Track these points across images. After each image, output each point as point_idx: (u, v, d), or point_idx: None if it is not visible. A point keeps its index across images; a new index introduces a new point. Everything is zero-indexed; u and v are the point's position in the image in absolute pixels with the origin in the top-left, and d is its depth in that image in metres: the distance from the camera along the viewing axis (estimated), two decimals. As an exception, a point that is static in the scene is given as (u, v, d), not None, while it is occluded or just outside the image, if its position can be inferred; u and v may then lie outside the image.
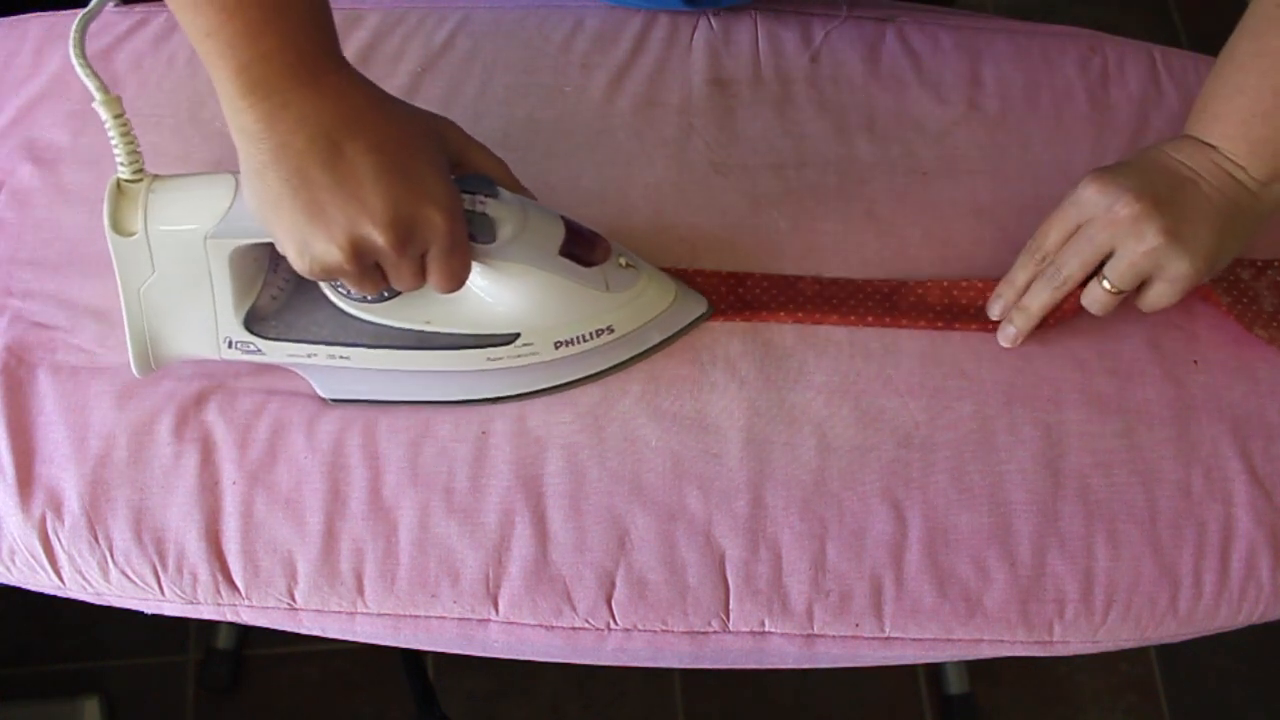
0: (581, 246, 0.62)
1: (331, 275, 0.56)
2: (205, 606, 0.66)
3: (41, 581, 0.67)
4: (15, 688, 1.33)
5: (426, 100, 0.75)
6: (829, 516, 0.64)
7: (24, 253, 0.70)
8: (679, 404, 0.66)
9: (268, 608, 0.66)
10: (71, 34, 0.58)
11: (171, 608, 0.67)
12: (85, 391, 0.66)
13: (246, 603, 0.65)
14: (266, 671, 1.35)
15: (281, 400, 0.66)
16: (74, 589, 0.67)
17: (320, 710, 1.34)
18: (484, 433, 0.66)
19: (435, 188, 0.54)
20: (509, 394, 0.66)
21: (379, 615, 0.65)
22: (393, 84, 0.75)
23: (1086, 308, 0.66)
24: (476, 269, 0.59)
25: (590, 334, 0.64)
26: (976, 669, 1.36)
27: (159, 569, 0.64)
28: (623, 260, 0.64)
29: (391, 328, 0.63)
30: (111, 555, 0.64)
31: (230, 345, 0.64)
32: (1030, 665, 1.32)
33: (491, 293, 0.62)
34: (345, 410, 0.66)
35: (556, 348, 0.64)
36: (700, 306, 0.68)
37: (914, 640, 0.66)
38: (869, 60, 0.78)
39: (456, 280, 0.58)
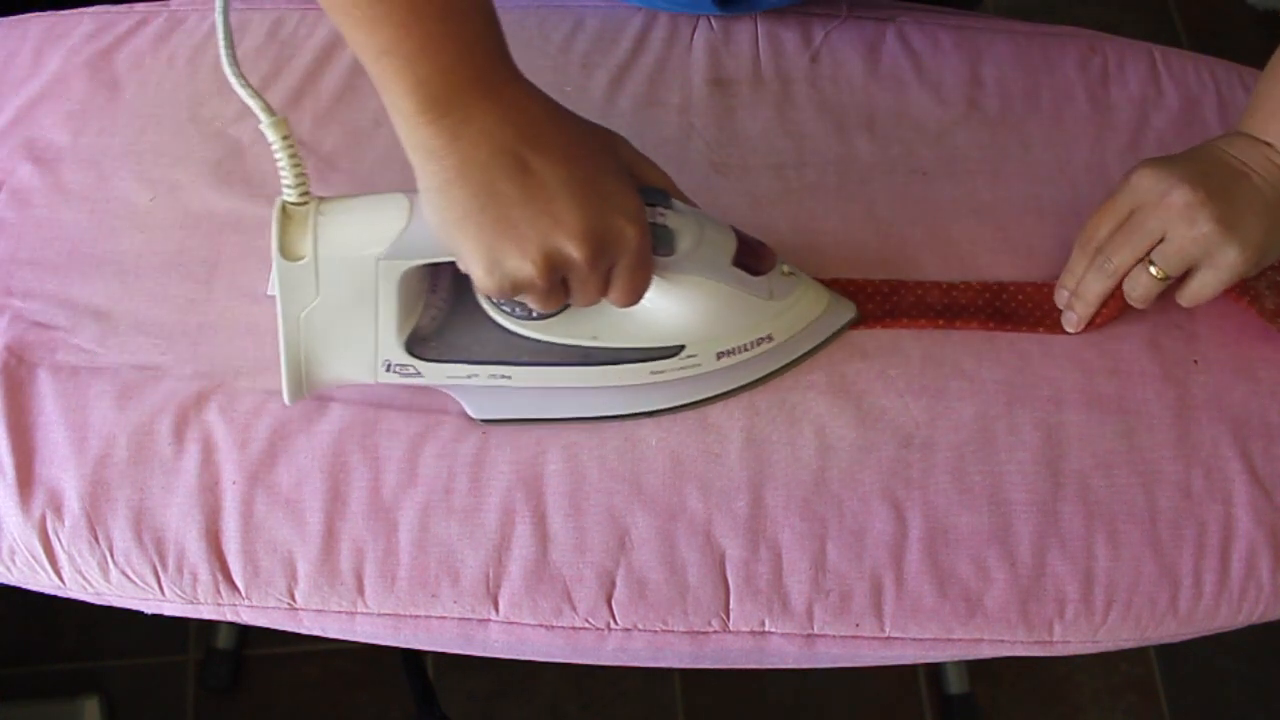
0: (752, 255, 0.61)
1: (520, 291, 0.54)
2: (205, 606, 0.66)
3: (41, 581, 0.67)
4: (15, 688, 1.33)
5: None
6: (829, 516, 0.64)
7: (24, 253, 0.70)
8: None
9: (268, 608, 0.66)
10: (223, 55, 0.56)
11: (171, 608, 0.67)
12: (85, 391, 0.66)
13: (246, 603, 0.65)
14: (266, 671, 1.35)
15: (281, 400, 0.66)
16: (74, 589, 0.67)
17: (320, 710, 1.34)
18: (484, 433, 0.66)
19: (624, 200, 0.53)
20: (667, 407, 0.65)
21: (379, 615, 0.65)
22: (393, 84, 0.75)
23: (1129, 296, 0.66)
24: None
25: (751, 343, 0.64)
26: (976, 669, 1.36)
27: (159, 569, 0.64)
28: (785, 268, 0.64)
29: (556, 344, 0.62)
30: (111, 555, 0.64)
31: (388, 369, 0.62)
32: (1030, 665, 1.32)
33: (659, 305, 0.61)
34: (345, 409, 0.66)
35: (718, 358, 0.63)
36: (849, 312, 0.68)
37: (914, 640, 0.66)
38: (869, 60, 0.78)
39: (638, 294, 0.57)
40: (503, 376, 0.63)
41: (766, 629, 0.65)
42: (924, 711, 1.37)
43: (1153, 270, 0.65)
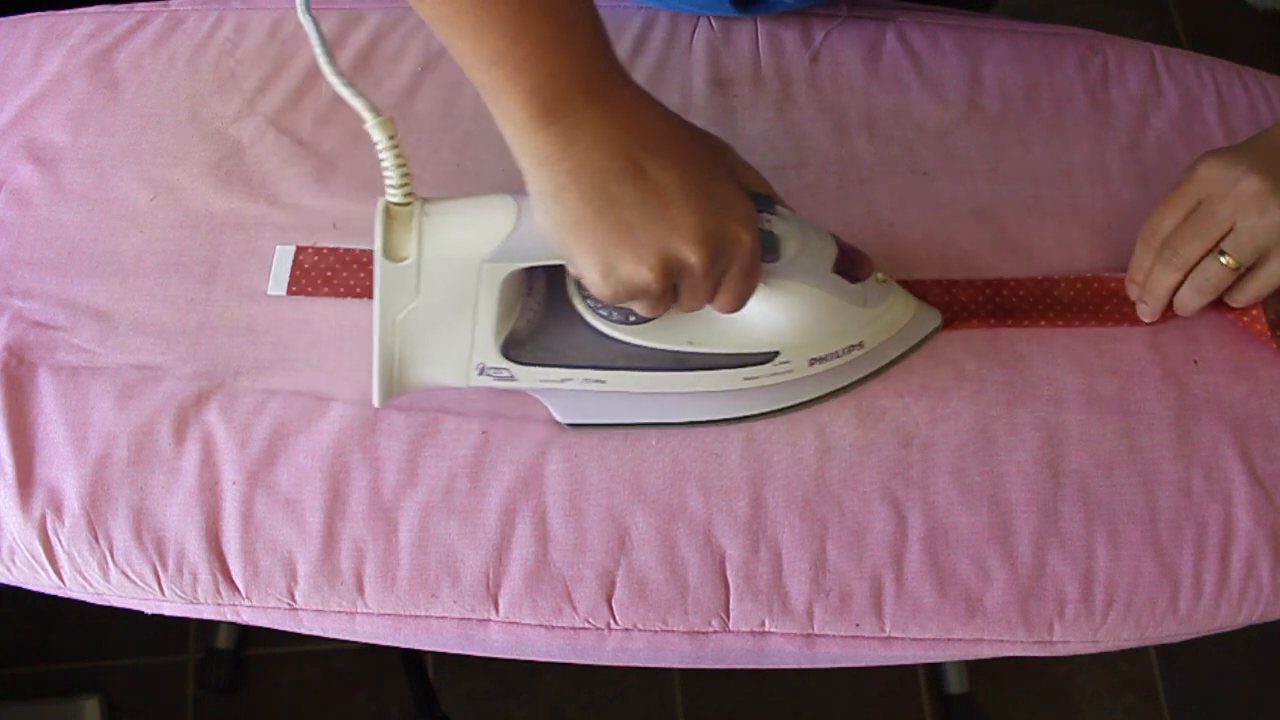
0: (851, 263, 0.61)
1: (635, 297, 0.54)
2: (205, 606, 0.66)
3: (41, 581, 0.67)
4: (15, 688, 1.33)
5: (427, 100, 0.75)
6: (829, 516, 0.64)
7: (24, 253, 0.70)
8: (679, 404, 0.66)
9: (268, 608, 0.66)
10: (320, 57, 0.55)
11: (171, 608, 0.67)
12: (85, 391, 0.66)
13: (246, 603, 0.65)
14: (266, 671, 1.35)
15: (281, 400, 0.66)
16: (74, 589, 0.67)
17: (320, 710, 1.34)
18: (484, 432, 0.66)
19: (738, 206, 0.53)
20: (756, 413, 0.65)
21: (379, 615, 0.65)
22: (393, 84, 0.75)
23: (1199, 289, 0.66)
24: None
25: (843, 350, 0.63)
26: (976, 669, 1.36)
27: (159, 569, 0.64)
28: (879, 275, 0.64)
29: (652, 349, 0.62)
30: (111, 555, 0.64)
31: (481, 372, 0.62)
32: (1030, 665, 1.32)
33: (756, 310, 0.60)
34: (345, 409, 0.66)
35: (810, 364, 0.63)
36: (935, 319, 0.68)
37: (914, 640, 0.66)
38: (869, 60, 0.78)
39: (744, 300, 0.56)
40: (597, 381, 0.62)
41: (766, 629, 0.65)
42: (924, 711, 1.37)
43: (1224, 260, 0.64)
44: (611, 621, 0.65)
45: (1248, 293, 0.66)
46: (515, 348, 0.61)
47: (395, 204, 0.56)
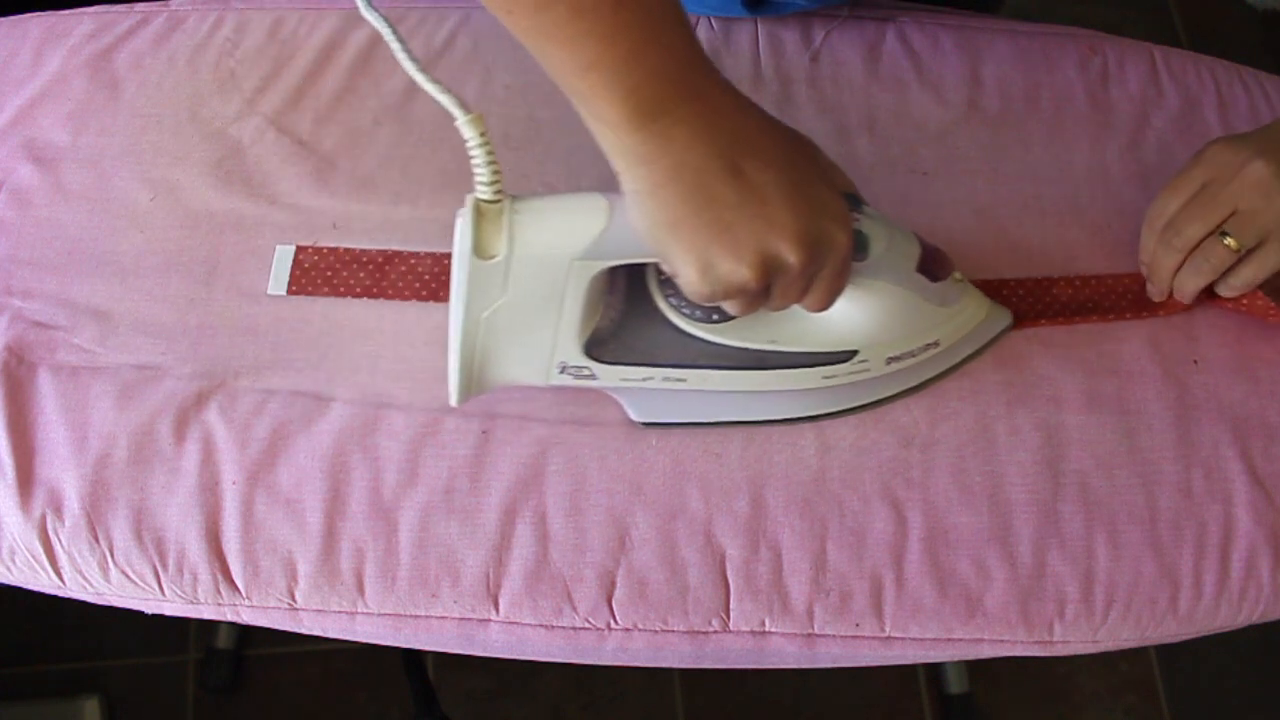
0: (933, 262, 0.61)
1: (731, 295, 0.54)
2: (205, 606, 0.66)
3: (41, 581, 0.67)
4: (15, 688, 1.33)
5: (427, 100, 0.74)
6: (829, 516, 0.64)
7: (24, 252, 0.70)
8: (679, 404, 0.66)
9: (268, 608, 0.66)
10: (400, 55, 0.55)
11: (171, 608, 0.67)
12: (85, 391, 0.66)
13: (247, 603, 0.65)
14: (266, 671, 1.35)
15: (281, 400, 0.66)
16: (74, 589, 0.67)
17: (320, 710, 1.34)
18: (484, 432, 0.66)
19: (834, 205, 0.53)
20: (831, 411, 0.65)
21: (379, 615, 0.65)
22: (393, 84, 0.75)
23: (1198, 270, 0.66)
24: None
25: (919, 349, 0.64)
26: (976, 669, 1.36)
27: (159, 569, 0.64)
28: (957, 274, 0.64)
29: (734, 348, 0.62)
30: (112, 555, 0.64)
31: (562, 371, 0.62)
32: (1030, 665, 1.32)
33: (839, 309, 0.60)
34: (345, 409, 0.66)
35: (887, 363, 0.63)
36: (1006, 319, 0.68)
37: (914, 640, 0.66)
38: (869, 60, 0.78)
39: (834, 299, 0.56)
40: (678, 379, 0.62)
41: (767, 629, 0.65)
42: (924, 711, 1.37)
43: (1227, 241, 0.65)
44: (611, 621, 0.65)
45: (1242, 276, 0.66)
46: (597, 346, 0.61)
47: (485, 201, 0.55)
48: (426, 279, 0.69)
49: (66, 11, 0.79)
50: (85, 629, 1.34)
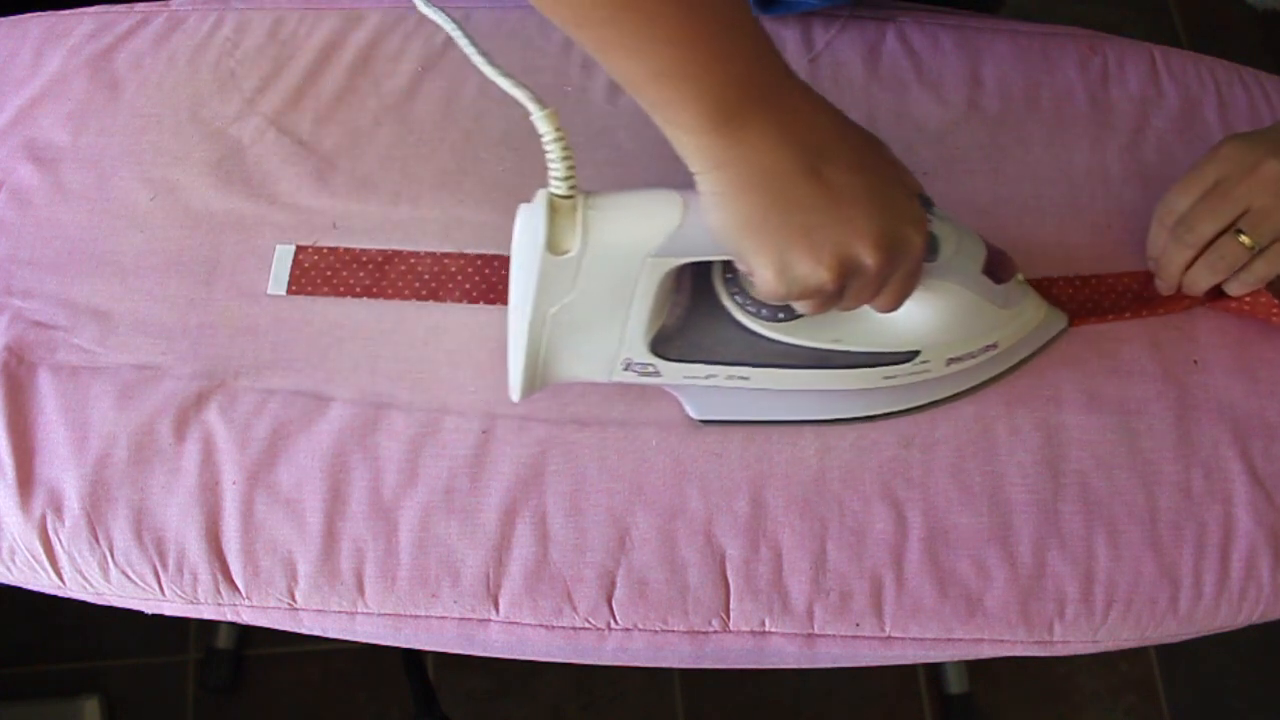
0: (998, 264, 0.61)
1: (807, 296, 0.54)
2: (205, 606, 0.66)
3: (41, 581, 0.67)
4: (15, 688, 1.33)
5: (426, 100, 0.75)
6: (829, 516, 0.64)
7: (24, 252, 0.70)
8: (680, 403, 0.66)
9: (268, 608, 0.66)
10: (469, 50, 0.54)
11: (171, 608, 0.67)
12: (85, 391, 0.66)
13: (247, 603, 0.65)
14: (266, 671, 1.35)
15: (281, 400, 0.66)
16: (74, 589, 0.67)
17: (320, 710, 1.34)
18: (484, 432, 0.66)
19: (911, 208, 0.54)
20: (887, 411, 0.65)
21: (379, 615, 0.65)
22: (393, 84, 0.75)
23: (1212, 268, 0.66)
24: None
25: (979, 350, 0.63)
26: (976, 669, 1.36)
27: (159, 569, 0.64)
28: (1020, 277, 0.64)
29: (798, 347, 0.61)
30: (111, 555, 0.64)
31: (626, 368, 0.61)
32: (1030, 665, 1.32)
33: (904, 309, 0.59)
34: (345, 409, 0.66)
35: (947, 364, 0.63)
36: (1062, 321, 0.68)
37: (914, 640, 0.66)
38: (869, 60, 0.78)
39: (903, 300, 0.57)
40: (741, 378, 0.62)
41: (767, 629, 0.65)
42: (924, 711, 1.37)
43: (1242, 239, 0.65)
44: (611, 621, 0.65)
45: (1255, 273, 0.66)
46: (662, 343, 0.61)
47: (559, 196, 0.55)
48: (426, 279, 0.69)
49: (66, 11, 0.79)
50: (85, 629, 1.34)
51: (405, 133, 0.74)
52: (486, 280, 0.69)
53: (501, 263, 0.70)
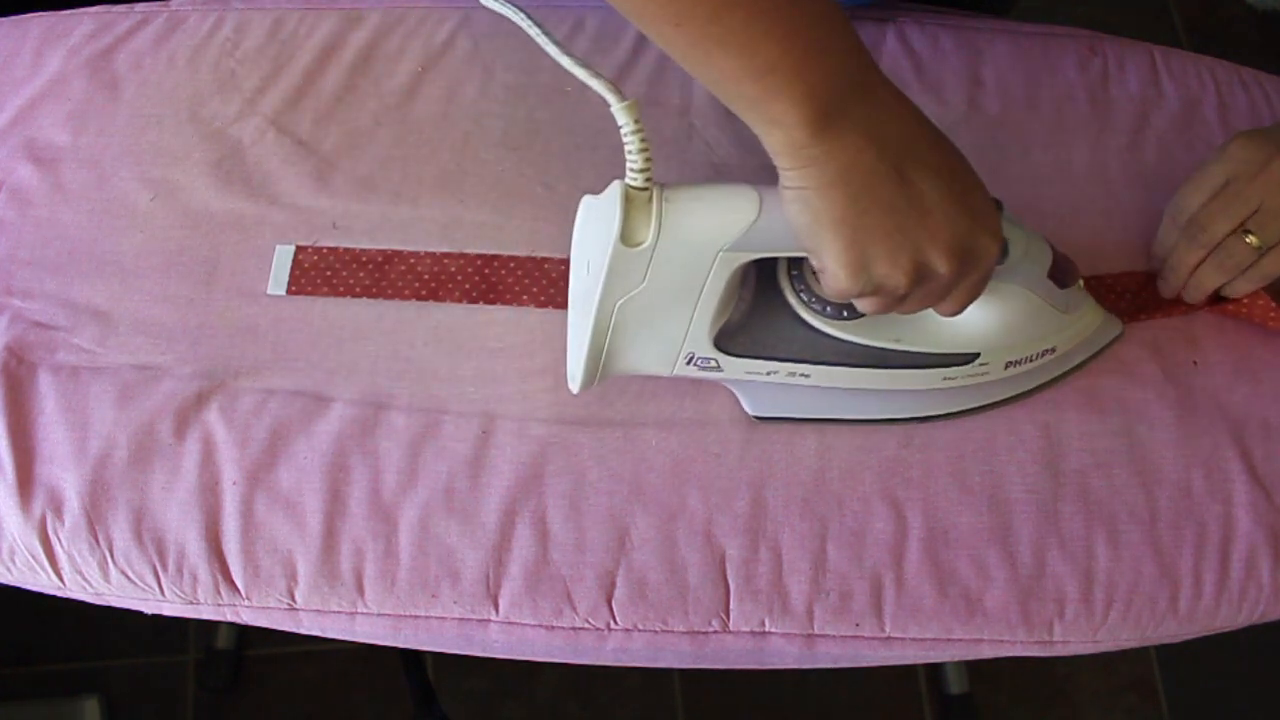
0: (1063, 269, 0.61)
1: (878, 295, 0.54)
2: (205, 606, 0.66)
3: (41, 581, 0.67)
4: (15, 688, 1.34)
5: (426, 100, 0.75)
6: (829, 516, 0.64)
7: (24, 253, 0.70)
8: (679, 403, 0.66)
9: (268, 608, 0.66)
10: (542, 41, 0.54)
11: (171, 608, 0.67)
12: (85, 391, 0.66)
13: (246, 603, 0.65)
14: (266, 671, 1.35)
15: (281, 400, 0.66)
16: (74, 589, 0.67)
17: (320, 710, 1.34)
18: (484, 432, 0.66)
19: (988, 215, 0.54)
20: (944, 412, 0.65)
21: (379, 615, 0.65)
22: (393, 84, 0.75)
23: (1220, 266, 0.66)
24: None
25: (1037, 354, 0.63)
26: (976, 669, 1.36)
27: (159, 569, 0.64)
28: (1080, 282, 0.64)
29: (859, 345, 0.61)
30: (111, 555, 0.64)
31: (689, 362, 0.61)
32: (1030, 665, 1.32)
33: (968, 312, 0.59)
34: (345, 410, 0.66)
35: (1006, 368, 0.63)
36: (1117, 327, 0.68)
37: (914, 640, 0.66)
38: (869, 60, 0.78)
39: (969, 305, 0.57)
40: (801, 375, 0.62)
41: (766, 629, 0.65)
42: (924, 711, 1.37)
43: (1249, 239, 0.65)
44: (611, 621, 0.65)
45: (1261, 270, 0.66)
46: (725, 338, 0.61)
47: (635, 188, 0.54)
48: (426, 279, 0.69)
49: (66, 11, 0.79)
50: (85, 629, 1.34)
51: (405, 133, 0.74)
52: (486, 280, 0.69)
53: (501, 263, 0.70)
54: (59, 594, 0.68)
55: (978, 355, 0.62)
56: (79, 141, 0.73)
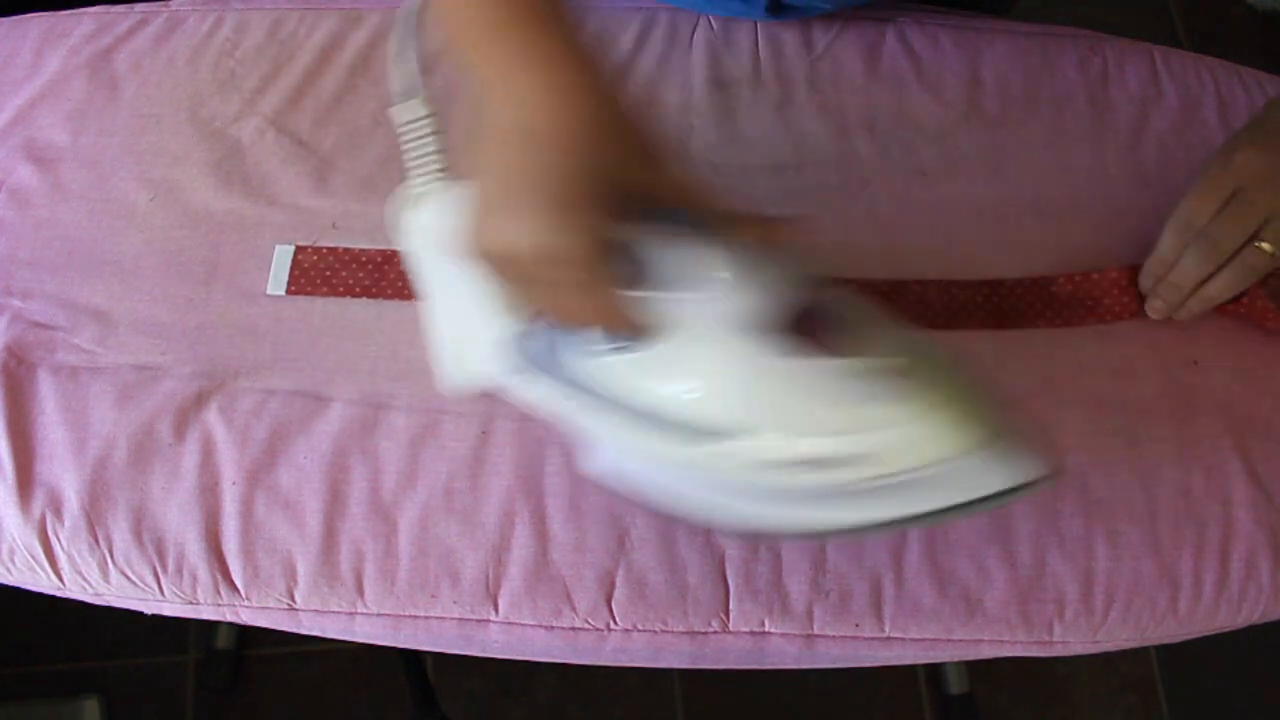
0: (826, 325, 0.54)
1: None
2: (205, 607, 0.66)
3: (41, 581, 0.67)
4: (15, 688, 1.34)
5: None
6: (829, 516, 0.64)
7: (24, 253, 0.70)
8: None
9: (268, 608, 0.66)
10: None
11: (171, 608, 0.67)
12: (85, 391, 0.66)
13: (246, 603, 0.65)
14: (266, 671, 1.35)
15: (281, 400, 0.66)
16: (74, 589, 0.67)
17: (320, 710, 1.34)
18: (484, 432, 0.66)
19: (581, 211, 0.51)
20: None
21: (379, 615, 0.65)
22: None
23: (1236, 278, 0.65)
24: None
25: (820, 459, 0.51)
26: (976, 669, 1.36)
27: (159, 569, 0.64)
28: (927, 360, 0.59)
29: (607, 389, 0.55)
30: (111, 555, 0.64)
31: (517, 372, 0.59)
32: (1030, 665, 1.32)
33: (675, 360, 0.52)
34: (345, 410, 0.66)
35: (770, 467, 0.56)
36: (1034, 469, 0.51)
37: (914, 640, 0.66)
38: (869, 60, 0.78)
39: (586, 317, 0.53)
40: (572, 401, 0.57)
41: (766, 629, 0.65)
42: (924, 711, 1.37)
43: (1265, 246, 0.64)
44: (611, 622, 0.65)
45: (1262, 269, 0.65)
46: (539, 356, 0.58)
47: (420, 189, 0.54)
48: (426, 279, 0.69)
49: (66, 12, 0.79)
50: (85, 629, 1.34)
51: (405, 133, 0.73)
52: (486, 280, 0.69)
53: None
54: (59, 594, 0.68)
55: (725, 433, 0.50)
56: (79, 141, 0.73)
